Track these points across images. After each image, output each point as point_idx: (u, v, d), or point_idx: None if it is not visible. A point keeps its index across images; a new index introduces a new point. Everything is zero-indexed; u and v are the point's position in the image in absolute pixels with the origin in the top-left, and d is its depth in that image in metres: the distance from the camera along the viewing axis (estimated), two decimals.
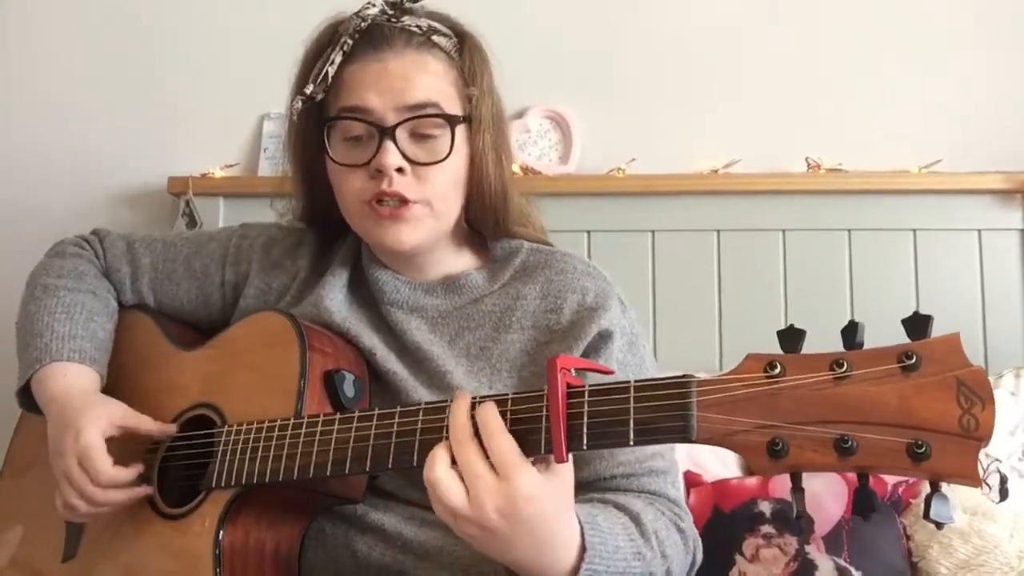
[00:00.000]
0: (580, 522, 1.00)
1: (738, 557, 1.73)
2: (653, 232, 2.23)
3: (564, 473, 0.95)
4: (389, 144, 1.21)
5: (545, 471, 0.94)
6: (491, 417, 0.94)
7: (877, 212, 2.19)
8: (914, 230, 2.19)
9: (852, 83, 2.27)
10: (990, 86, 2.25)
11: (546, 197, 1.79)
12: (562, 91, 2.26)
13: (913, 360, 0.76)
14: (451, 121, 1.24)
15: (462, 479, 0.92)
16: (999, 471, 0.74)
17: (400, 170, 1.22)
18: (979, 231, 2.18)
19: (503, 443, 0.92)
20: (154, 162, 2.33)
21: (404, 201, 1.23)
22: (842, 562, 1.70)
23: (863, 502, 0.77)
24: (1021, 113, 2.22)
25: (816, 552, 1.72)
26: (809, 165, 2.21)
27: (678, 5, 2.32)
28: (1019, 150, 2.18)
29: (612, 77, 2.30)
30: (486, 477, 0.91)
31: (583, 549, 0.99)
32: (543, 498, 0.93)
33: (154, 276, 1.45)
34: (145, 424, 1.25)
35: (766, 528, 1.74)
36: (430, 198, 1.24)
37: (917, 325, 0.78)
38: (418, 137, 1.24)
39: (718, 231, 2.22)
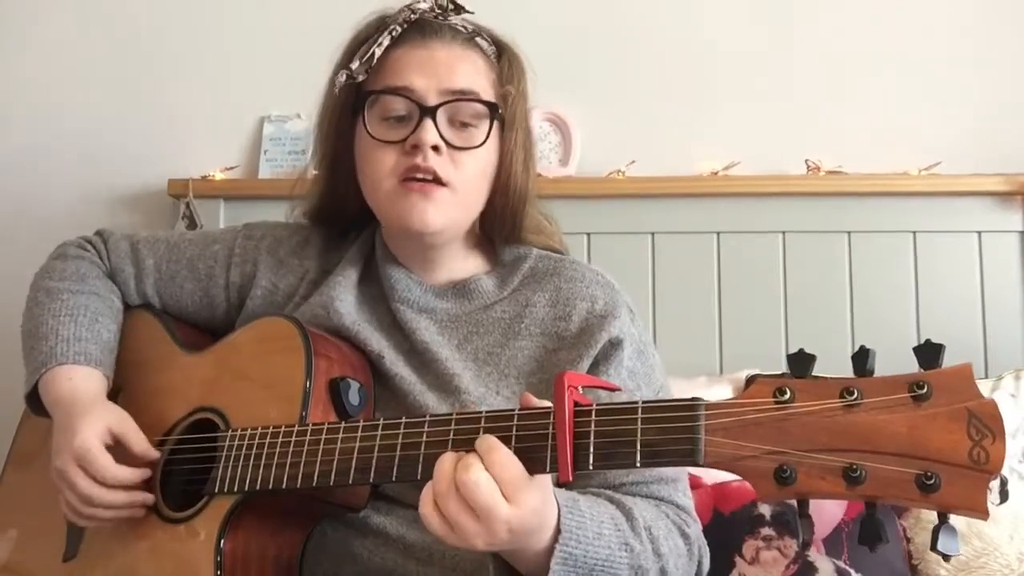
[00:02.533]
0: (559, 505, 1.00)
1: (738, 559, 1.73)
2: (653, 234, 2.23)
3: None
4: (428, 122, 1.24)
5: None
6: (492, 441, 0.94)
7: (877, 214, 2.19)
8: (914, 232, 2.19)
9: (852, 85, 2.27)
10: (990, 88, 2.25)
11: (546, 199, 1.79)
12: (562, 93, 2.25)
13: (924, 390, 0.76)
14: (491, 109, 1.28)
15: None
16: (999, 473, 0.74)
17: (436, 149, 1.24)
18: (979, 233, 2.18)
19: (508, 455, 0.93)
20: (154, 164, 2.33)
21: (436, 180, 1.24)
22: (842, 564, 1.70)
23: (871, 532, 0.77)
24: (1021, 115, 2.22)
25: (816, 554, 1.72)
26: (809, 167, 2.21)
27: (678, 8, 2.32)
28: (1019, 152, 2.18)
29: (612, 79, 2.30)
30: (470, 523, 0.92)
31: (557, 531, 1.00)
32: (544, 505, 0.95)
33: (158, 278, 1.45)
34: (136, 441, 1.24)
35: (766, 530, 1.74)
36: (459, 184, 1.26)
37: (928, 354, 0.77)
38: (456, 124, 1.27)
39: (718, 233, 2.22)
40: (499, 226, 1.35)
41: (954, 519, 0.76)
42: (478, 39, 1.32)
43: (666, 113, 2.29)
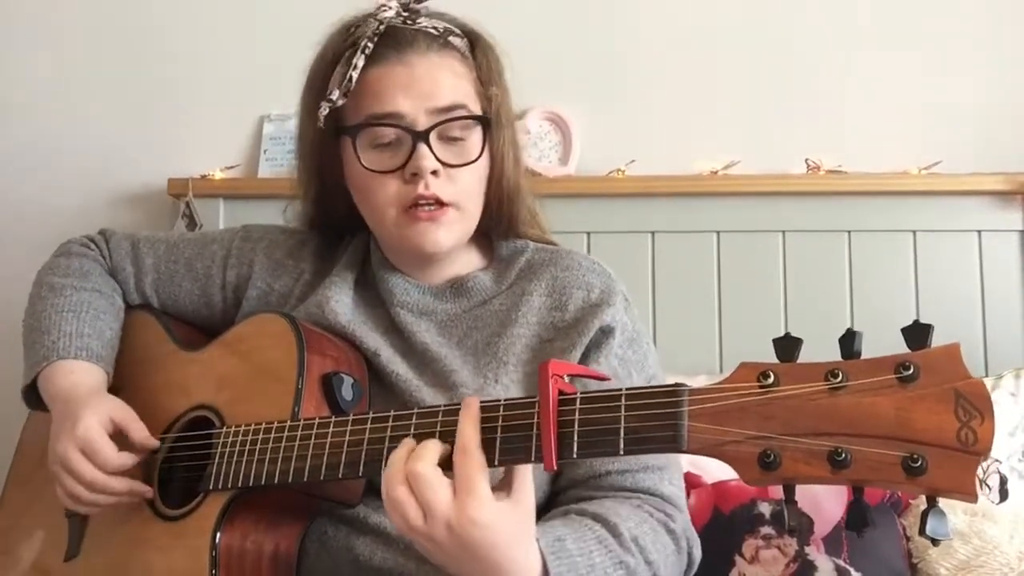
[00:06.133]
0: (543, 552, 0.99)
1: (738, 558, 1.72)
2: (653, 233, 2.23)
3: (524, 503, 0.96)
4: (424, 148, 1.22)
5: (505, 499, 0.94)
6: (470, 433, 0.94)
7: (877, 213, 2.18)
8: (914, 231, 2.19)
9: (852, 84, 2.26)
10: (990, 87, 2.24)
11: (546, 199, 1.79)
12: (562, 93, 2.25)
13: (911, 371, 0.74)
14: (481, 122, 1.27)
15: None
16: (999, 472, 0.73)
17: (434, 172, 1.23)
18: (979, 232, 2.18)
19: (473, 460, 0.92)
20: (154, 163, 2.33)
21: (440, 204, 1.24)
22: (842, 563, 1.69)
23: (857, 517, 0.76)
24: (1021, 115, 2.21)
25: (816, 553, 1.71)
26: (809, 166, 2.21)
27: (677, 6, 2.32)
28: (1019, 151, 2.18)
29: (612, 78, 2.30)
30: (441, 493, 0.92)
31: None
32: (492, 526, 0.92)
33: (157, 277, 1.46)
34: (135, 431, 1.24)
35: (766, 529, 1.74)
36: (460, 199, 1.26)
37: (917, 334, 0.76)
38: (447, 140, 1.25)
39: (718, 232, 2.22)
40: (495, 223, 1.36)
41: (951, 512, 0.75)
42: (451, 38, 1.29)
43: (666, 112, 2.28)
